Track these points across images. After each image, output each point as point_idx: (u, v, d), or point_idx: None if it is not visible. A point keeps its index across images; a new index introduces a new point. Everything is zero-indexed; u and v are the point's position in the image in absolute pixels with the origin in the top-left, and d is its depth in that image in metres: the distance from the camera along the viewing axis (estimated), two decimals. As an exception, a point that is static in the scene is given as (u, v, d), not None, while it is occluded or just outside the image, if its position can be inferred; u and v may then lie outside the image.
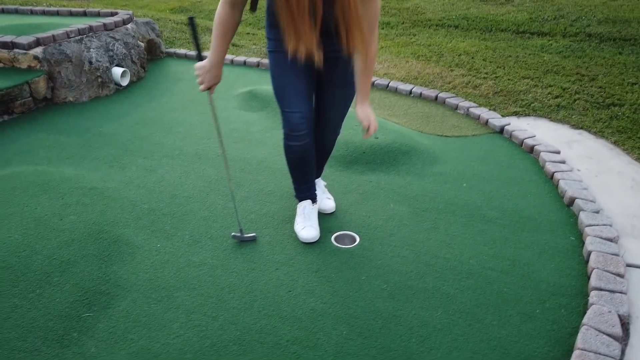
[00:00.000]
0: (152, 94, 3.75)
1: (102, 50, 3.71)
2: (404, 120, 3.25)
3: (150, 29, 4.52)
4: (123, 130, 3.09)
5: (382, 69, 4.30)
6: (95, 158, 2.72)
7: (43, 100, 3.40)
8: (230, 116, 3.35)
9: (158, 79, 4.07)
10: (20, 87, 3.22)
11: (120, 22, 4.07)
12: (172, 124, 3.19)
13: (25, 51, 3.33)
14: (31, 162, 2.64)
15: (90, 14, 4.46)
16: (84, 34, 3.69)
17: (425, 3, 6.59)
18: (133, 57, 3.98)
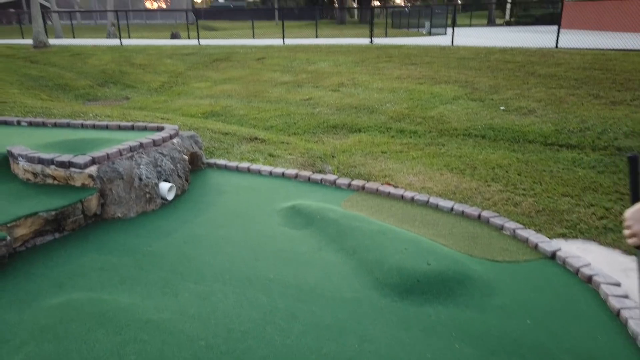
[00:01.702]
0: (197, 207, 3.82)
1: (151, 166, 3.85)
2: (451, 242, 3.23)
3: (194, 142, 4.72)
4: (172, 249, 3.11)
5: (418, 182, 4.38)
6: (147, 283, 2.70)
7: (93, 217, 3.48)
8: (275, 234, 3.37)
9: (201, 191, 4.17)
10: (74, 206, 3.30)
11: (167, 137, 4.28)
12: (219, 243, 3.21)
13: (81, 170, 3.46)
14: (85, 288, 2.63)
15: (138, 127, 4.70)
16: (134, 151, 3.86)
17: (449, 112, 6.88)
18: (179, 172, 4.12)
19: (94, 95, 10.86)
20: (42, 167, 3.55)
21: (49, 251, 3.03)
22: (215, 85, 11.01)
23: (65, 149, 3.75)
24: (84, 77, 12.28)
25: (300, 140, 6.15)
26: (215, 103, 8.98)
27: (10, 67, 12.25)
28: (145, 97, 10.60)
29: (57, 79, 11.65)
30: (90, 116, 5.48)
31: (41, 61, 13.58)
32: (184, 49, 16.05)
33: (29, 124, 4.85)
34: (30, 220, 3.04)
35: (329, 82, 10.11)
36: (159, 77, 12.53)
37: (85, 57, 14.54)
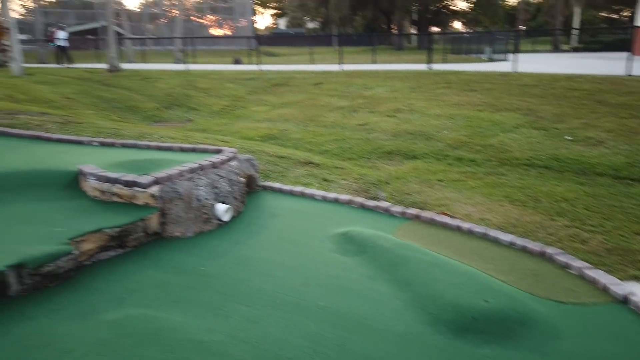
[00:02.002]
0: (251, 230, 3.87)
1: (209, 188, 3.96)
2: (510, 278, 3.07)
3: (251, 165, 4.83)
4: (225, 271, 3.16)
5: (476, 212, 4.23)
6: (200, 303, 2.75)
7: (153, 235, 3.61)
8: (326, 260, 3.34)
9: (255, 213, 4.23)
10: (136, 224, 3.44)
11: (225, 160, 4.40)
12: (270, 267, 3.23)
13: (144, 190, 3.62)
14: (142, 304, 2.70)
15: (198, 150, 4.87)
16: (194, 172, 4.00)
17: (510, 140, 6.66)
18: (235, 194, 4.21)
19: (160, 117, 11.44)
20: (109, 185, 3.74)
21: (111, 266, 3.16)
22: (273, 109, 11.30)
23: (130, 168, 3.94)
24: (152, 99, 12.99)
25: (355, 166, 6.14)
26: (273, 126, 9.19)
27: (86, 89, 13.18)
28: (207, 120, 11.04)
29: (127, 101, 12.39)
30: (155, 137, 5.76)
31: (114, 84, 14.52)
32: (245, 74, 16.65)
33: (100, 144, 5.16)
34: (96, 236, 3.20)
35: (385, 107, 10.10)
36: (221, 101, 13.03)
37: (154, 80, 15.41)
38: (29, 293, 2.74)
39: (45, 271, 2.81)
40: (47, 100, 11.06)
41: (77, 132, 5.77)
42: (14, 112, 6.79)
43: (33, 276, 2.77)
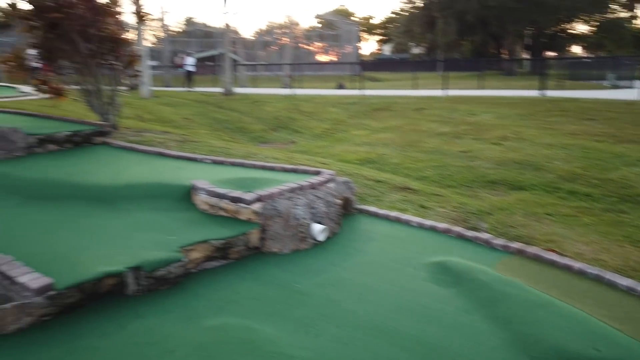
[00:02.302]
0: (345, 252, 3.91)
1: (307, 208, 4.09)
2: (627, 327, 2.76)
3: (348, 188, 4.90)
4: (318, 290, 3.22)
5: (589, 252, 3.88)
6: (293, 318, 2.83)
7: (253, 249, 3.80)
8: (420, 289, 3.26)
9: (351, 236, 4.27)
10: (238, 237, 3.66)
11: (324, 182, 4.52)
12: (363, 290, 3.23)
13: (247, 206, 3.84)
14: (239, 314, 2.85)
15: (299, 171, 5.05)
16: (293, 192, 4.16)
17: (634, 175, 6.03)
18: (331, 215, 4.29)
19: (266, 138, 12.08)
20: (217, 200, 4.03)
21: (214, 276, 3.37)
22: (373, 134, 11.38)
23: (237, 185, 4.21)
24: (260, 121, 13.78)
25: (454, 194, 5.95)
26: (372, 150, 9.25)
27: (203, 111, 14.36)
28: (308, 142, 11.43)
29: (238, 123, 13.27)
30: (260, 157, 6.09)
31: (226, 107, 15.65)
32: (347, 99, 17.01)
33: (212, 162, 5.58)
34: (203, 246, 3.45)
35: (490, 134, 9.70)
36: (323, 124, 13.43)
37: (262, 104, 16.35)
38: (142, 294, 3.02)
39: (158, 275, 3.09)
40: (169, 120, 12.23)
41: (192, 150, 6.30)
42: (142, 131, 7.61)
43: (148, 279, 3.05)
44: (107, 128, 6.80)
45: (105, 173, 4.93)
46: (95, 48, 6.67)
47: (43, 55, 6.87)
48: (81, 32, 6.45)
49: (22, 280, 2.69)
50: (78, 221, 3.80)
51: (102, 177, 4.76)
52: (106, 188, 4.44)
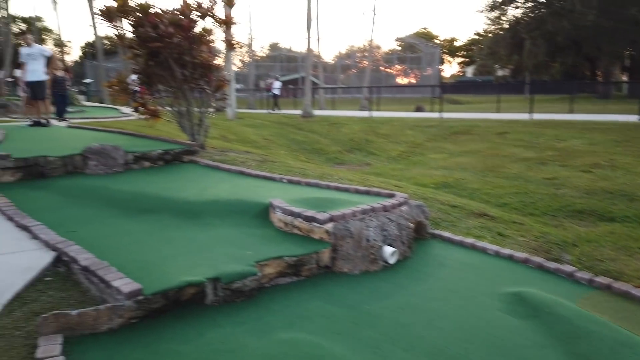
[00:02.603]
0: (416, 276, 3.88)
1: (379, 230, 4.12)
2: None
3: (421, 212, 4.86)
4: (387, 312, 3.22)
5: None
6: (360, 339, 2.86)
7: (324, 268, 3.89)
8: (493, 319, 3.16)
9: (422, 261, 4.23)
10: (310, 256, 3.77)
11: (396, 205, 4.52)
12: (433, 316, 3.18)
13: (320, 225, 3.95)
14: (308, 330, 2.93)
15: (372, 193, 5.10)
16: (366, 214, 4.21)
17: None
18: (403, 238, 4.28)
19: (341, 159, 12.26)
20: (292, 218, 4.18)
21: (286, 291, 3.50)
22: (450, 157, 11.15)
23: (311, 205, 4.34)
24: (336, 143, 14.02)
25: (536, 223, 5.67)
26: (449, 175, 9.07)
27: (282, 132, 14.90)
28: (383, 165, 11.44)
29: (315, 144, 13.60)
30: (335, 178, 6.22)
31: (305, 128, 16.11)
32: (426, 121, 16.83)
33: (288, 181, 5.80)
34: (277, 262, 3.59)
35: (580, 161, 9.13)
36: (399, 147, 13.38)
37: (340, 126, 16.63)
38: (219, 304, 3.20)
39: (234, 287, 3.26)
40: (250, 140, 12.83)
41: (271, 169, 6.58)
42: (225, 150, 8.08)
43: (225, 290, 3.23)
44: (195, 147, 7.31)
45: (192, 189, 5.30)
46: (189, 74, 7.24)
47: (143, 80, 7.57)
48: (177, 60, 7.05)
49: (116, 285, 2.97)
50: (166, 233, 4.12)
51: (189, 192, 5.12)
52: (192, 203, 4.78)
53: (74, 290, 3.22)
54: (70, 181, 5.65)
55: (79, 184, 5.50)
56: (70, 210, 4.67)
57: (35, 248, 3.72)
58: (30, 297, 3.07)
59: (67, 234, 3.86)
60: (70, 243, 3.63)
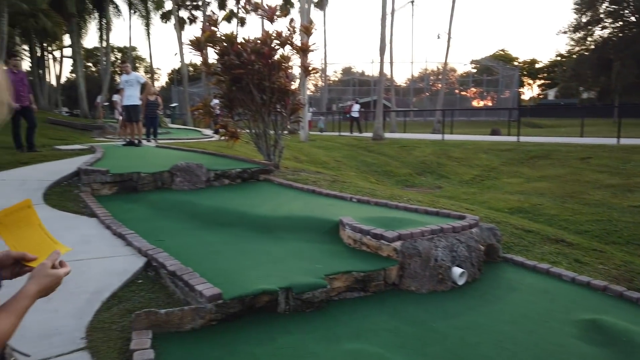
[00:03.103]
0: (485, 298, 3.85)
1: (447, 250, 4.14)
2: None
3: (492, 234, 4.80)
4: (453, 331, 3.24)
5: None
6: (425, 355, 2.91)
7: (391, 285, 3.97)
8: (566, 345, 3.07)
9: (492, 283, 4.18)
10: (378, 272, 3.87)
11: (467, 227, 4.52)
12: (501, 338, 3.16)
13: (388, 243, 4.05)
14: (375, 343, 3.03)
15: (441, 214, 5.12)
16: (434, 234, 4.25)
17: None
18: (472, 260, 4.27)
19: (411, 182, 12.22)
20: (361, 236, 4.32)
21: (353, 305, 3.62)
22: (527, 182, 10.76)
23: (379, 224, 4.46)
24: (406, 166, 13.99)
25: (619, 251, 5.37)
26: (524, 200, 8.76)
27: (352, 154, 15.13)
28: (455, 188, 11.26)
29: (385, 166, 13.67)
30: (404, 200, 6.28)
31: (375, 151, 16.24)
32: (501, 145, 16.34)
33: (358, 201, 5.95)
34: (345, 277, 3.74)
35: (672, 189, 8.48)
36: (472, 170, 13.10)
37: (411, 149, 16.58)
38: (290, 313, 3.39)
39: (304, 297, 3.44)
40: (322, 161, 13.16)
41: (341, 189, 6.78)
42: (298, 170, 8.41)
43: (296, 300, 3.42)
44: (270, 167, 7.70)
45: (267, 205, 5.61)
46: (267, 98, 7.69)
47: (224, 104, 8.13)
48: (257, 85, 7.53)
49: (199, 289, 3.26)
50: (243, 245, 4.41)
51: (264, 208, 5.43)
52: (267, 218, 5.07)
53: (162, 292, 3.55)
54: (159, 195, 6.19)
55: (167, 198, 6.01)
56: (159, 222, 5.13)
57: (129, 254, 4.14)
58: (125, 297, 3.43)
59: (156, 242, 4.26)
60: (159, 250, 4.00)
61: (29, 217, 1.17)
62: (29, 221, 1.17)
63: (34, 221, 1.21)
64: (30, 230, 1.19)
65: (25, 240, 1.10)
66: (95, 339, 2.83)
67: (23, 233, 1.12)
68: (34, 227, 1.21)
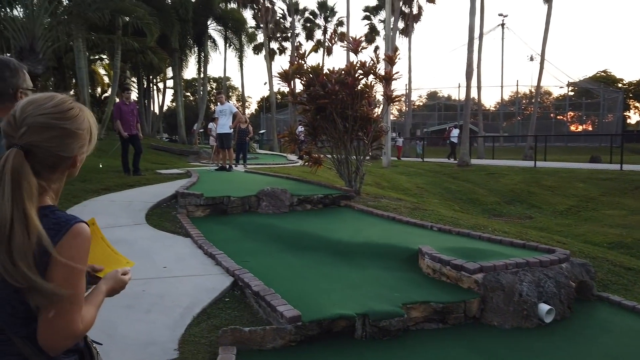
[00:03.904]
0: (575, 338, 3.62)
1: (534, 286, 3.96)
2: None
3: (585, 271, 4.51)
4: (537, 372, 3.09)
5: None
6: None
7: (471, 318, 3.87)
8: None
9: (583, 323, 3.91)
10: (458, 304, 3.80)
11: (556, 261, 4.29)
12: (591, 383, 2.96)
13: (469, 275, 3.97)
14: (450, 376, 2.99)
15: (529, 247, 4.89)
16: (520, 267, 4.09)
17: None
18: (561, 297, 4.03)
19: (499, 211, 11.71)
20: (440, 265, 4.27)
21: (431, 336, 3.58)
22: (631, 215, 9.89)
23: (460, 254, 4.38)
24: (494, 194, 13.45)
25: None
26: (627, 234, 8.06)
27: (436, 181, 14.84)
28: (548, 219, 10.62)
29: (470, 194, 13.24)
30: (488, 230, 6.07)
31: (460, 177, 15.79)
32: (601, 173, 15.15)
33: (438, 230, 5.87)
34: (423, 307, 3.71)
35: None
36: (567, 200, 12.28)
37: (499, 176, 15.92)
38: (367, 339, 3.44)
39: (381, 325, 3.47)
40: (403, 188, 13.07)
41: (422, 217, 6.72)
42: (379, 197, 8.46)
43: (372, 327, 3.47)
44: (351, 193, 7.84)
45: (346, 231, 5.72)
46: (350, 125, 7.89)
47: (308, 132, 8.46)
48: (340, 113, 7.77)
49: (280, 310, 3.42)
50: (322, 268, 4.55)
51: (344, 234, 5.55)
52: (346, 244, 5.18)
53: (246, 311, 3.77)
54: (246, 218, 6.55)
55: (253, 221, 6.35)
56: (246, 243, 5.44)
57: (218, 273, 4.44)
58: (213, 313, 3.69)
59: (242, 262, 4.53)
60: (244, 271, 4.26)
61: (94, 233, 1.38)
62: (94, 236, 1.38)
63: (98, 235, 1.44)
64: (96, 244, 1.41)
65: (92, 253, 1.31)
66: (185, 351, 3.08)
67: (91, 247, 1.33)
68: (99, 241, 1.44)
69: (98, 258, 1.44)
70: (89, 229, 1.19)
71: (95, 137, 1.30)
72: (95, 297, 1.29)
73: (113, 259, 1.48)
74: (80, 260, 1.15)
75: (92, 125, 1.28)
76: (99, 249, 1.45)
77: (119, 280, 1.38)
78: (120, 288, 1.38)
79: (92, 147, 1.30)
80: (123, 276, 1.39)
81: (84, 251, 1.17)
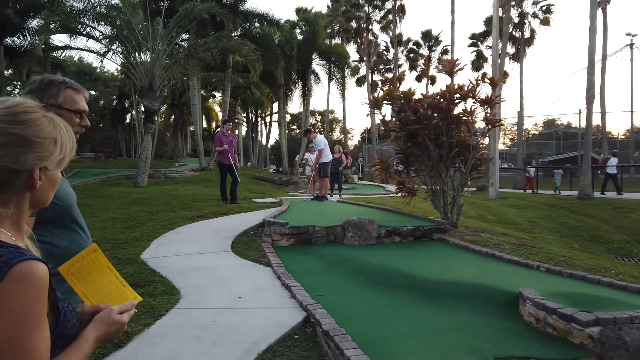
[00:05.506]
0: None
1: (670, 347, 3.13)
2: None
3: None
4: None
5: None
6: None
7: (584, 383, 3.14)
8: None
9: None
10: (567, 364, 3.11)
11: (702, 317, 3.38)
12: None
13: (581, 328, 3.26)
14: None
15: (665, 296, 3.98)
16: (651, 323, 3.28)
17: None
18: None
19: (628, 250, 10.12)
20: (545, 314, 3.59)
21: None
22: None
23: (571, 301, 3.66)
24: (621, 231, 11.72)
25: None
26: None
27: (551, 215, 13.36)
28: (692, 262, 8.89)
29: (592, 230, 11.67)
30: (611, 273, 5.11)
31: (581, 212, 14.08)
32: None
33: (547, 270, 5.06)
34: (520, 364, 3.09)
35: None
36: None
37: (628, 211, 13.93)
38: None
39: (465, 382, 2.94)
40: (511, 222, 11.91)
41: (528, 255, 5.89)
42: (479, 231, 7.68)
43: (455, 383, 2.94)
44: (446, 226, 7.21)
45: (436, 268, 5.17)
46: (445, 153, 7.35)
47: (400, 160, 8.04)
48: (434, 140, 7.28)
49: (348, 354, 3.05)
50: (403, 309, 4.08)
51: (432, 271, 5.01)
52: (433, 282, 4.64)
53: (315, 351, 3.44)
54: (330, 249, 6.28)
55: (336, 253, 6.06)
56: (326, 276, 5.14)
57: (292, 306, 4.18)
58: (280, 351, 3.42)
59: (318, 297, 4.23)
60: (318, 306, 3.95)
61: (96, 262, 1.16)
62: (97, 265, 1.16)
63: (102, 264, 1.21)
64: (99, 275, 1.18)
65: (94, 285, 1.09)
66: (240, 393, 2.83)
67: (93, 279, 1.12)
68: (103, 270, 1.21)
69: (102, 291, 1.23)
70: (43, 270, 0.93)
71: (70, 153, 1.06)
72: (76, 351, 1.01)
73: (120, 293, 1.26)
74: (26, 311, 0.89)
75: (65, 137, 1.04)
76: (103, 280, 1.25)
77: (113, 323, 1.10)
78: (115, 332, 1.11)
79: (65, 164, 1.06)
80: (119, 316, 1.12)
81: (32, 299, 0.90)
